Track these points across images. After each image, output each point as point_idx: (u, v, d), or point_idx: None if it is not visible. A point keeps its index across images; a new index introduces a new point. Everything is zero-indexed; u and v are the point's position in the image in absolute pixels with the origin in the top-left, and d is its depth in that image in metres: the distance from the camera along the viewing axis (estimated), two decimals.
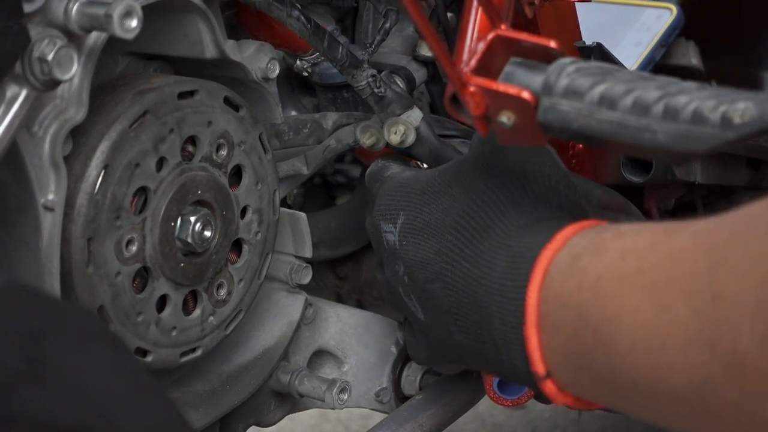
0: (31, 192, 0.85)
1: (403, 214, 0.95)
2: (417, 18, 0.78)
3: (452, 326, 0.89)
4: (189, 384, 1.06)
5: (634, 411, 0.76)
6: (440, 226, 0.91)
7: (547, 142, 0.81)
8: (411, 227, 0.94)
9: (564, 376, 0.79)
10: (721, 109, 0.70)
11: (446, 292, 0.89)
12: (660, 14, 1.30)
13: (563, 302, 0.78)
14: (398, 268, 0.95)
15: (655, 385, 0.71)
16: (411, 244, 0.93)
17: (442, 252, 0.90)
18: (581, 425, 2.00)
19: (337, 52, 1.00)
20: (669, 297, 0.69)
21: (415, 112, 1.04)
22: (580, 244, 0.79)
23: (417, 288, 0.93)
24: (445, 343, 0.92)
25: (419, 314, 0.94)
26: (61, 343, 0.68)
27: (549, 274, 0.79)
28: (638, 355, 0.71)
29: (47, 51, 0.80)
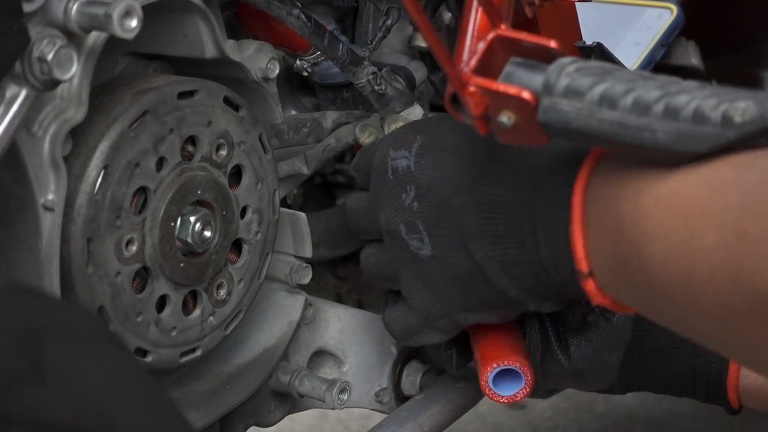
0: (31, 192, 0.84)
1: (422, 137, 0.94)
2: (416, 17, 0.78)
3: (476, 242, 0.89)
4: (189, 384, 1.06)
5: (665, 321, 0.80)
6: (472, 137, 0.90)
7: (548, 142, 0.81)
8: (432, 145, 0.93)
9: (603, 277, 0.81)
10: (722, 108, 0.70)
11: (477, 200, 0.89)
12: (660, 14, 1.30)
13: (604, 207, 0.80)
14: (406, 195, 0.94)
15: (683, 301, 0.74)
16: (432, 161, 0.93)
17: (475, 162, 0.90)
18: (581, 425, 2.00)
19: (337, 50, 1.00)
20: (700, 224, 0.72)
21: (416, 108, 1.04)
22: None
23: (432, 210, 0.92)
24: (456, 276, 0.92)
25: (424, 249, 0.93)
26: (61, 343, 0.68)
27: (593, 175, 0.81)
28: (669, 272, 0.74)
29: (47, 51, 0.80)
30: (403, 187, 0.94)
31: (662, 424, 2.00)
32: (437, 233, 0.92)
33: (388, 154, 0.95)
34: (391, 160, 0.95)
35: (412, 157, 0.94)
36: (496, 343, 1.00)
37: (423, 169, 0.93)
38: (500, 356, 0.99)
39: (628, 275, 0.79)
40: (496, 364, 0.98)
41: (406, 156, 0.94)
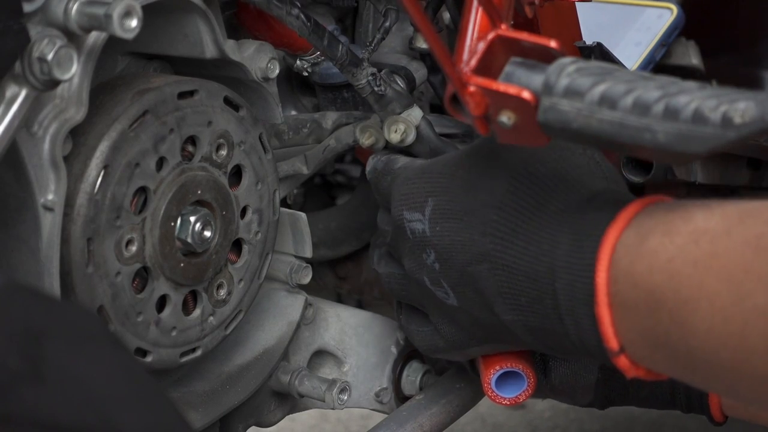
0: (31, 192, 0.84)
1: (432, 199, 0.94)
2: (416, 17, 0.78)
3: (500, 306, 0.89)
4: (189, 384, 1.06)
5: (712, 388, 0.80)
6: (482, 206, 0.90)
7: (548, 142, 0.81)
8: (444, 211, 0.93)
9: (637, 352, 0.80)
10: (722, 108, 0.70)
11: (494, 272, 0.89)
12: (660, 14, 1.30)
13: (634, 282, 0.78)
14: (427, 256, 0.94)
15: (734, 367, 0.73)
16: (446, 229, 0.92)
17: (487, 232, 0.89)
18: (581, 425, 2.00)
19: (337, 51, 1.00)
20: (747, 285, 0.71)
21: (416, 110, 1.04)
22: (647, 224, 0.79)
23: (453, 273, 0.92)
24: (482, 324, 0.92)
25: (450, 300, 0.93)
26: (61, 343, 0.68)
27: (617, 253, 0.80)
28: (717, 339, 0.73)
29: (47, 51, 0.80)
30: (423, 249, 0.94)
31: (662, 424, 2.00)
32: (461, 293, 0.93)
33: (403, 215, 0.96)
34: (407, 222, 0.95)
35: (426, 221, 0.94)
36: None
37: (439, 236, 0.93)
38: (503, 359, 0.99)
39: (667, 347, 0.77)
40: (499, 367, 0.99)
41: (420, 220, 0.94)
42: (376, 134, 1.05)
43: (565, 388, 1.02)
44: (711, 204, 0.77)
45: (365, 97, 1.03)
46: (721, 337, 0.72)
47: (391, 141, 1.03)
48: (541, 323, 0.87)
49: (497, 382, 0.99)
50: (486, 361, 1.00)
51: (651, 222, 0.79)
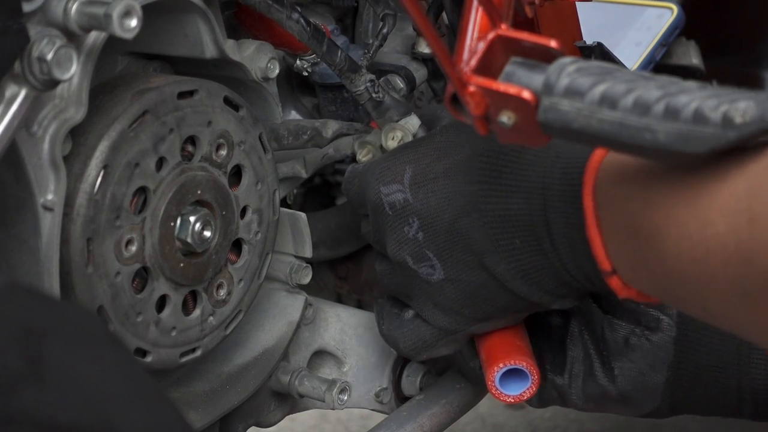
0: (31, 192, 0.84)
1: (410, 167, 0.95)
2: (416, 17, 0.78)
3: (491, 257, 0.91)
4: (189, 384, 1.06)
5: (688, 309, 0.83)
6: (466, 158, 0.92)
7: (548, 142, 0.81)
8: (425, 175, 0.94)
9: (625, 273, 0.83)
10: (722, 108, 0.70)
11: (485, 219, 0.90)
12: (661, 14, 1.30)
13: (615, 208, 0.82)
14: (409, 228, 0.94)
15: (702, 289, 0.76)
16: (430, 190, 0.94)
17: (473, 181, 0.91)
18: (581, 425, 2.00)
19: (335, 57, 1.00)
20: (709, 214, 0.74)
21: (413, 118, 1.04)
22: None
23: (439, 236, 0.93)
24: (471, 293, 0.93)
25: (436, 274, 0.94)
26: (61, 344, 0.68)
27: (598, 179, 0.83)
28: (685, 263, 0.76)
29: (46, 50, 0.80)
30: (405, 220, 0.95)
31: (662, 424, 2.00)
32: (448, 257, 0.93)
33: (380, 191, 0.96)
34: (385, 196, 0.96)
35: (407, 189, 0.95)
36: (502, 343, 1.00)
37: (422, 199, 0.94)
38: (506, 356, 0.99)
39: (647, 269, 0.80)
40: (502, 364, 0.98)
41: (401, 189, 0.95)
42: (374, 150, 1.05)
43: (634, 393, 1.02)
44: None
45: (363, 104, 1.04)
46: (689, 261, 0.76)
47: (388, 148, 1.04)
48: (538, 262, 0.89)
49: (501, 380, 0.99)
50: (489, 359, 0.99)
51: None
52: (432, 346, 1.00)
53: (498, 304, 0.95)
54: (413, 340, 1.00)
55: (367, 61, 1.05)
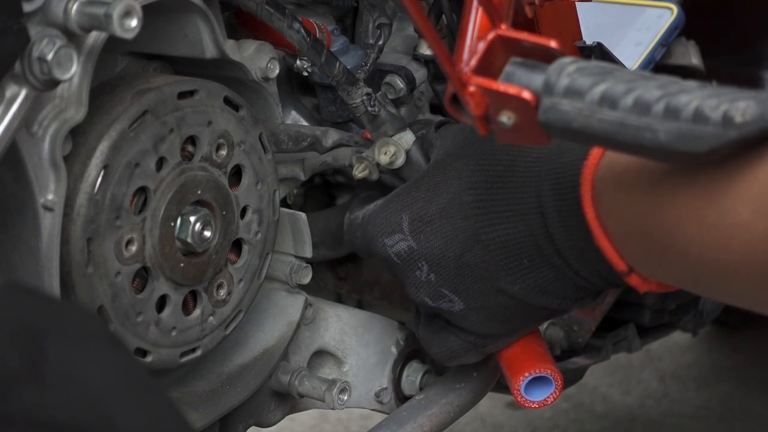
0: (31, 192, 0.84)
1: (406, 214, 0.97)
2: (417, 17, 0.78)
3: (505, 281, 0.93)
4: (189, 384, 1.06)
5: (712, 294, 0.85)
6: (455, 195, 0.94)
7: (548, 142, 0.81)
8: (422, 219, 0.96)
9: (644, 270, 0.86)
10: (723, 108, 0.70)
11: (488, 249, 0.92)
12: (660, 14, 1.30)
13: (620, 215, 0.83)
14: (420, 272, 0.96)
15: (727, 276, 0.78)
16: (429, 233, 0.95)
17: (468, 215, 0.93)
18: (581, 425, 2.00)
19: (333, 68, 1.01)
20: (728, 203, 0.75)
21: (407, 134, 1.04)
22: (622, 159, 0.83)
23: (450, 274, 0.95)
24: (494, 313, 0.95)
25: (456, 306, 0.96)
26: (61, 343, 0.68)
27: (595, 189, 0.85)
28: (708, 253, 0.78)
29: (47, 51, 0.80)
30: (414, 266, 0.97)
31: (662, 424, 2.00)
32: (464, 290, 0.95)
33: (384, 244, 0.98)
34: (390, 248, 0.98)
35: (409, 236, 0.96)
36: (524, 352, 1.01)
37: (424, 243, 0.96)
38: (530, 365, 1.00)
39: (666, 265, 0.82)
40: (528, 373, 1.00)
41: (403, 238, 0.97)
42: (371, 167, 1.05)
43: None
44: None
45: (359, 117, 1.04)
46: (711, 251, 0.77)
47: (380, 162, 1.04)
48: (551, 276, 0.91)
49: (526, 387, 1.00)
50: (513, 368, 1.01)
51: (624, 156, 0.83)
52: (461, 356, 1.02)
53: (521, 319, 0.97)
54: (443, 349, 1.02)
55: (365, 74, 1.05)
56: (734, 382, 2.10)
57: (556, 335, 1.22)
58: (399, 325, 1.14)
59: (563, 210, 0.88)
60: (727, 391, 2.07)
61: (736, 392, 2.07)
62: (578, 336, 1.24)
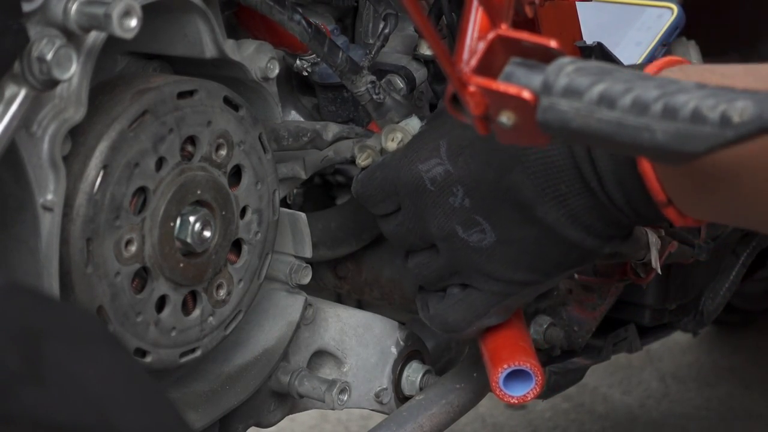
0: (30, 192, 0.84)
1: (444, 140, 0.96)
2: (417, 17, 0.78)
3: (542, 207, 0.92)
4: (188, 384, 1.06)
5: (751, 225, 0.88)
6: None
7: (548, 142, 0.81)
8: (460, 143, 0.95)
9: (682, 203, 0.87)
10: (720, 108, 0.70)
11: (529, 171, 0.92)
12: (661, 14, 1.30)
13: None
14: (454, 198, 0.96)
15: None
16: (468, 156, 0.95)
17: None
18: (581, 425, 2.00)
19: (336, 58, 1.00)
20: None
21: (414, 120, 1.05)
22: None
23: (486, 199, 0.94)
24: (522, 249, 0.95)
25: (487, 238, 0.95)
26: (60, 344, 0.68)
27: None
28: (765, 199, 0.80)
29: (46, 50, 0.80)
30: (449, 191, 0.96)
31: (662, 424, 2.00)
32: (498, 217, 0.95)
33: (419, 169, 0.97)
34: (425, 173, 0.97)
35: (446, 161, 0.96)
36: (505, 344, 1.00)
37: (463, 166, 0.95)
38: (510, 357, 0.99)
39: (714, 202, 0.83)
40: (507, 365, 0.98)
41: (439, 162, 0.96)
42: (374, 155, 1.05)
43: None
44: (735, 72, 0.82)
45: (364, 105, 1.04)
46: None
47: (387, 149, 1.04)
48: (586, 203, 0.91)
49: (505, 381, 0.99)
50: (493, 360, 0.99)
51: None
52: (483, 315, 1.00)
53: (551, 259, 0.96)
54: (463, 311, 1.01)
55: (369, 61, 1.05)
56: (735, 382, 2.10)
57: (556, 335, 1.22)
58: (399, 325, 1.14)
59: None
60: (727, 391, 2.07)
61: (736, 392, 2.07)
62: (578, 336, 1.24)
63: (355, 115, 1.12)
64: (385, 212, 1.03)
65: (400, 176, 0.99)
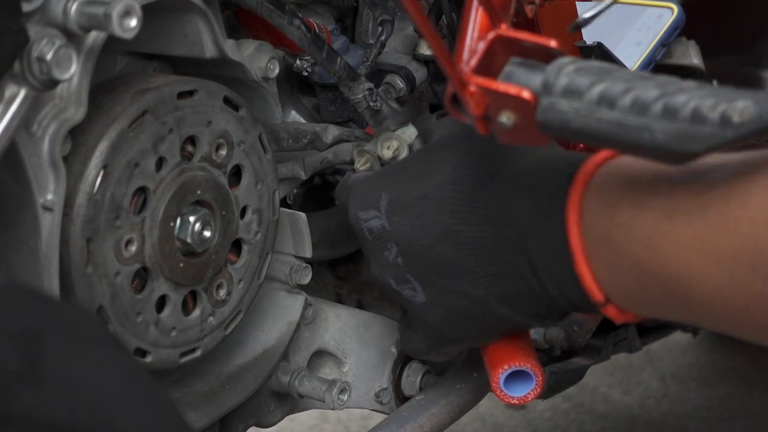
0: (30, 192, 0.84)
1: (386, 194, 0.96)
2: (417, 17, 0.78)
3: (468, 282, 0.91)
4: (188, 384, 1.06)
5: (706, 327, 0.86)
6: (436, 187, 0.92)
7: (548, 142, 0.81)
8: (399, 202, 0.94)
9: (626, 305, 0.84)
10: (720, 108, 0.70)
11: (460, 247, 0.90)
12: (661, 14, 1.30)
13: (614, 250, 0.81)
14: (389, 253, 0.95)
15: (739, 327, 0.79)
16: (405, 217, 0.94)
17: (445, 210, 0.91)
18: (581, 425, 2.00)
19: (335, 64, 1.00)
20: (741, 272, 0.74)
21: (410, 129, 1.05)
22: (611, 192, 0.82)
23: (417, 261, 0.93)
24: (453, 315, 0.94)
25: (418, 296, 0.95)
26: (60, 344, 0.68)
27: (585, 218, 0.83)
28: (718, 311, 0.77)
29: (46, 50, 0.80)
30: (384, 246, 0.96)
31: (662, 424, 2.00)
32: (428, 282, 0.94)
33: (358, 216, 0.97)
34: (363, 222, 0.97)
35: (383, 216, 0.95)
36: (505, 345, 1.00)
37: (398, 227, 0.94)
38: (510, 358, 0.99)
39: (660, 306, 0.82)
40: (507, 366, 0.99)
41: (377, 216, 0.96)
42: (372, 160, 1.05)
43: None
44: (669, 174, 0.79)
45: (361, 112, 1.04)
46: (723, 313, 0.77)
47: (383, 157, 1.04)
48: (516, 288, 0.89)
49: (505, 381, 0.99)
50: (493, 361, 1.00)
51: (615, 190, 0.82)
52: (425, 355, 1.02)
53: (480, 327, 0.95)
54: (408, 347, 1.03)
55: (366, 69, 1.05)
56: (735, 383, 2.10)
57: (556, 335, 1.22)
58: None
59: (543, 228, 0.86)
60: (727, 392, 2.07)
61: (736, 392, 2.07)
62: (578, 336, 1.24)
63: (355, 115, 1.12)
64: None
65: (348, 215, 0.99)
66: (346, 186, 1.02)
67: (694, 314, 0.81)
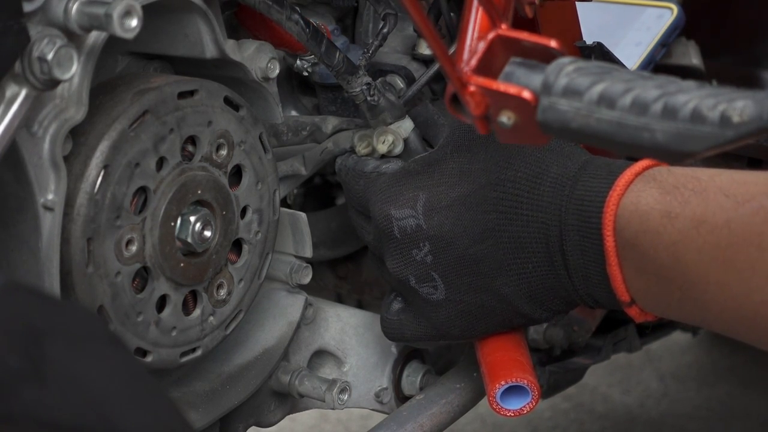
0: (31, 192, 0.84)
1: (424, 193, 0.97)
2: (417, 17, 0.78)
3: (501, 280, 0.95)
4: (189, 384, 1.06)
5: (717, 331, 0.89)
6: (479, 188, 0.95)
7: (547, 142, 0.81)
8: (439, 202, 0.97)
9: (648, 306, 0.90)
10: (720, 107, 0.70)
11: (500, 247, 0.94)
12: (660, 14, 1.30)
13: (641, 254, 0.86)
14: (418, 251, 0.97)
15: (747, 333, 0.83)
16: (444, 217, 0.96)
17: (489, 210, 0.94)
18: (581, 425, 2.00)
19: (333, 58, 1.00)
20: (756, 281, 0.79)
21: (406, 122, 1.05)
22: (645, 200, 0.87)
23: (450, 260, 0.96)
24: (465, 310, 0.97)
25: (437, 294, 0.97)
26: (61, 343, 0.68)
27: (619, 223, 0.88)
28: (730, 318, 0.82)
29: (47, 50, 0.80)
30: (415, 245, 0.98)
31: (662, 424, 2.00)
32: (455, 279, 0.97)
33: (391, 215, 0.98)
34: (396, 221, 0.98)
35: (420, 216, 0.97)
36: (504, 359, 1.01)
37: (436, 226, 0.97)
38: (508, 373, 1.00)
39: (679, 309, 0.86)
40: (504, 381, 0.99)
41: (413, 215, 0.98)
42: (373, 144, 1.05)
43: None
44: (706, 188, 0.85)
45: (358, 105, 1.04)
46: (734, 318, 0.82)
47: (379, 151, 1.04)
48: (546, 284, 0.94)
49: (502, 394, 1.00)
50: (491, 374, 1.00)
51: (648, 199, 0.87)
52: (410, 341, 1.04)
53: (492, 323, 0.99)
54: (393, 331, 1.04)
55: (366, 60, 1.05)
56: (734, 382, 2.10)
57: (556, 335, 1.22)
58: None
59: (582, 230, 0.90)
60: (727, 391, 2.07)
61: (736, 392, 2.07)
62: (578, 336, 1.24)
63: (356, 115, 1.12)
64: (358, 209, 1.04)
65: (372, 209, 1.00)
66: (363, 174, 1.03)
67: (708, 318, 0.85)
